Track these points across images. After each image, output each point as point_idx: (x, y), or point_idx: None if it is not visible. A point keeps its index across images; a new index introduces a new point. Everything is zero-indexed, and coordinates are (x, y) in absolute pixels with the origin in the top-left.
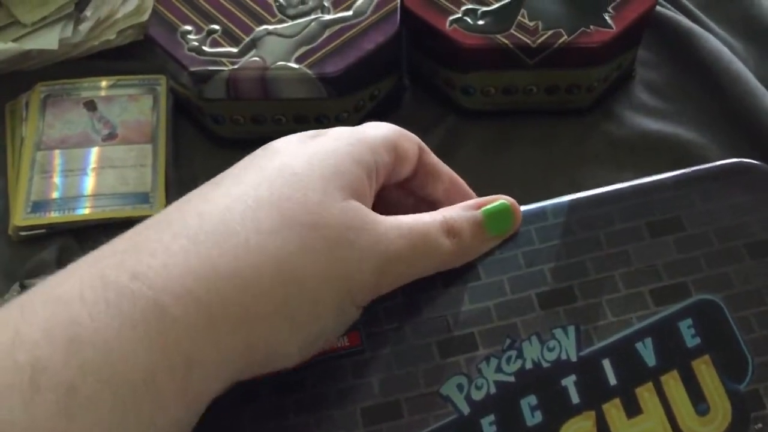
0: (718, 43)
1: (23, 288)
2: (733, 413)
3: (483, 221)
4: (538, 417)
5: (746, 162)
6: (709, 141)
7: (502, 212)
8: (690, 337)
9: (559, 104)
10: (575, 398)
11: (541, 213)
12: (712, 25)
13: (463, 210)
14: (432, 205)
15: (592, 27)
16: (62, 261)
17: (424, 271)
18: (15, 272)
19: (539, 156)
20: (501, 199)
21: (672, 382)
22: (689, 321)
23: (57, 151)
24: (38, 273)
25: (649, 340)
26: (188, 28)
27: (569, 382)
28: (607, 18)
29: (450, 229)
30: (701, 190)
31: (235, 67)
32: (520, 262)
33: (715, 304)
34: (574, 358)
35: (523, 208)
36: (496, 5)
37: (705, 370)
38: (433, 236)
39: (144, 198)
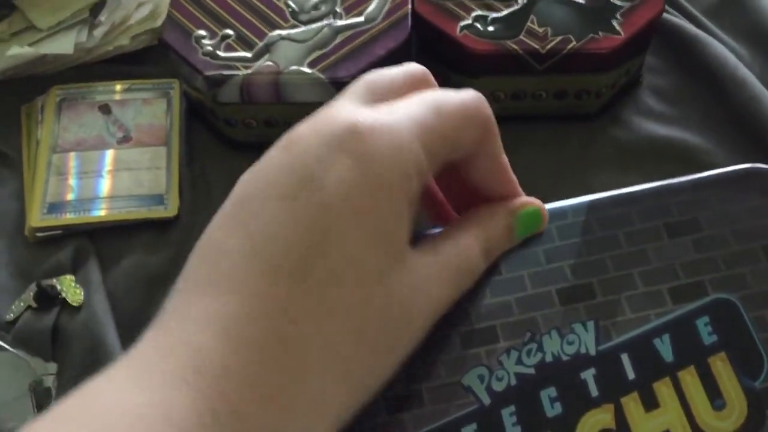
0: (723, 50)
1: (40, 288)
2: (748, 409)
3: (514, 227)
4: (558, 408)
5: (760, 167)
6: (714, 145)
7: (533, 216)
8: (707, 335)
9: (568, 109)
10: (594, 391)
11: (561, 212)
12: (717, 31)
13: (498, 220)
14: (467, 188)
15: (600, 33)
16: (77, 261)
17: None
18: (32, 273)
19: (548, 160)
20: (533, 204)
21: (689, 378)
22: (706, 319)
23: (72, 154)
24: (54, 273)
25: (666, 337)
26: (203, 33)
27: (588, 375)
28: (615, 24)
29: (488, 251)
30: (718, 194)
31: (249, 71)
32: (541, 259)
33: (732, 303)
34: (593, 352)
35: None
36: (506, 11)
37: (721, 366)
38: (475, 267)
39: (158, 199)
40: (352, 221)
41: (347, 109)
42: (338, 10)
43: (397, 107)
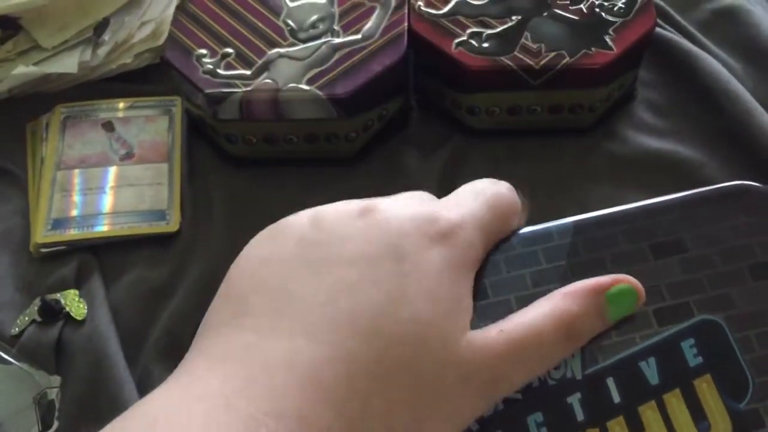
0: (716, 64)
1: (44, 302)
2: (733, 431)
3: (606, 308)
4: None
5: (747, 184)
6: (708, 159)
7: (626, 294)
8: (692, 357)
9: (562, 123)
10: (580, 415)
11: (547, 234)
12: (711, 46)
13: (586, 300)
14: None
15: (593, 49)
16: (81, 276)
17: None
18: (36, 287)
19: (543, 174)
20: (624, 282)
21: (674, 401)
22: (691, 341)
23: (76, 171)
24: (58, 288)
25: (652, 360)
26: (203, 51)
27: (574, 399)
28: (608, 40)
29: (570, 332)
30: (704, 213)
31: (249, 89)
32: (527, 282)
33: (717, 325)
34: (579, 377)
35: (529, 228)
36: (501, 28)
37: (706, 388)
38: (546, 346)
39: (160, 215)
40: (429, 301)
41: (423, 198)
42: (336, 28)
43: (466, 206)
